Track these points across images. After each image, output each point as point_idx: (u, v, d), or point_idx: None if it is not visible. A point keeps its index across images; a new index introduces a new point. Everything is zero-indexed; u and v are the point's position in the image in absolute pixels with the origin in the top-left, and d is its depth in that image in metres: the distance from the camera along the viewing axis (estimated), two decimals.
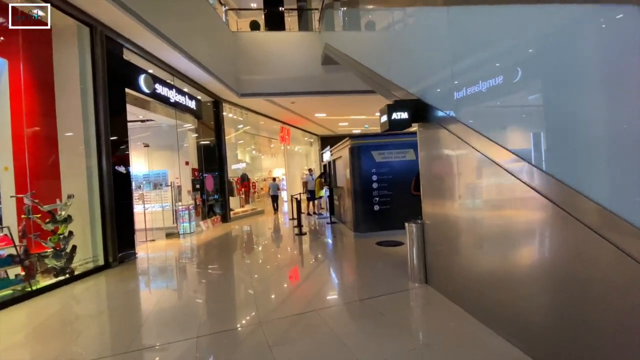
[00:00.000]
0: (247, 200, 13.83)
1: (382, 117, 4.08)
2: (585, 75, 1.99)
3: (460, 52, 3.27)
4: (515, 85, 2.56)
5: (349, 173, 7.41)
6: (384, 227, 7.21)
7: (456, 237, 3.39)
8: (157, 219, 9.93)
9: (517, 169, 2.37)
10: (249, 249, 7.32)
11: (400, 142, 7.32)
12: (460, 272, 3.33)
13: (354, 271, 5.15)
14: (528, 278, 2.43)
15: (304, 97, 11.97)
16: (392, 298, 3.64)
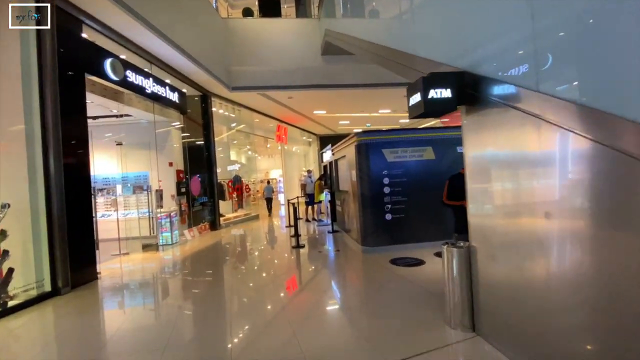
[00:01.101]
0: (240, 205, 12.65)
1: (411, 97, 2.92)
2: None
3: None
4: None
5: (355, 175, 6.25)
6: (397, 240, 6.05)
7: (533, 270, 2.24)
8: (135, 228, 8.75)
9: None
10: (235, 268, 6.13)
11: (416, 139, 6.16)
12: (540, 323, 2.17)
13: (367, 308, 3.91)
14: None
15: (302, 91, 10.82)
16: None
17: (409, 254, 5.66)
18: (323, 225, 9.70)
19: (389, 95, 12.29)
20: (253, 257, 6.57)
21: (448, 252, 3.00)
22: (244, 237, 9.34)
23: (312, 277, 5.01)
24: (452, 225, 4.47)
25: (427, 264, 5.10)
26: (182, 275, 5.71)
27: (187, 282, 5.34)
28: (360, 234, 6.16)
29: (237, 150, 19.93)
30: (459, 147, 6.44)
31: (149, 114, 8.54)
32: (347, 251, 6.29)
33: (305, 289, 4.55)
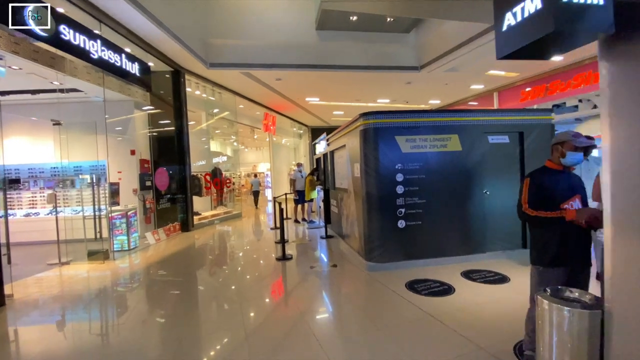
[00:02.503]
0: (220, 201, 11.11)
1: (516, 5, 1.47)
2: None
3: None
4: None
5: (358, 169, 4.83)
6: (412, 255, 4.68)
7: None
8: (89, 229, 7.15)
9: None
10: (197, 290, 4.65)
11: (439, 123, 4.77)
12: None
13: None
14: None
15: (293, 71, 9.30)
16: None
17: (429, 274, 4.29)
18: (314, 228, 8.29)
19: (389, 81, 10.90)
20: (223, 276, 5.08)
21: (572, 316, 1.60)
22: (219, 242, 7.82)
23: (300, 317, 3.57)
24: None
25: (456, 290, 3.75)
26: (145, 290, 4.21)
27: (142, 303, 3.85)
28: (363, 244, 4.76)
29: (220, 140, 18.28)
30: (492, 136, 5.10)
31: (110, 91, 6.91)
32: (346, 268, 4.88)
33: (288, 342, 3.09)
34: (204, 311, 3.67)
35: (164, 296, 4.20)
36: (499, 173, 5.00)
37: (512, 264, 4.66)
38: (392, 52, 9.96)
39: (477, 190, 4.86)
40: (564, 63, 10.15)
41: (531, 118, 5.10)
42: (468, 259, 4.80)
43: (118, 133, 7.97)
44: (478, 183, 4.86)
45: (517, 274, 4.23)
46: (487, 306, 3.33)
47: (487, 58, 9.54)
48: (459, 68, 10.28)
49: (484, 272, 4.34)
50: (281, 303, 3.73)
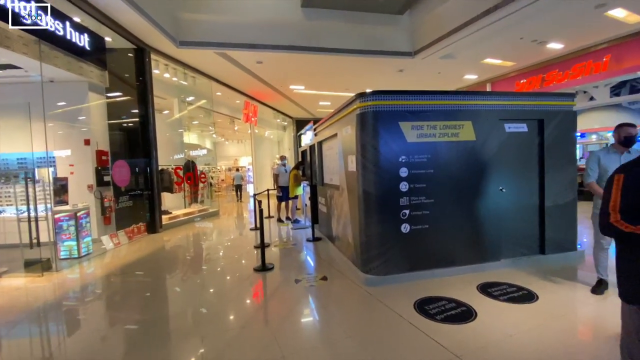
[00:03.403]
0: (194, 198, 10.05)
1: None
2: None
3: None
4: None
5: (353, 162, 3.99)
6: (418, 265, 3.91)
7: None
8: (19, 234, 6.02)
9: None
10: (153, 314, 3.71)
11: (450, 108, 3.99)
12: None
13: None
14: None
15: (275, 53, 8.32)
16: None
17: (441, 289, 3.54)
18: (300, 228, 7.43)
19: (380, 68, 10.09)
20: (186, 296, 4.16)
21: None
22: (188, 245, 6.84)
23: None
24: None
25: (478, 313, 3.00)
26: (90, 311, 3.24)
27: (81, 331, 2.90)
28: (360, 253, 3.95)
29: (198, 132, 17.06)
30: (509, 124, 4.36)
31: (51, 68, 5.75)
32: (338, 281, 4.05)
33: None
34: (149, 350, 2.76)
35: (116, 320, 3.25)
36: (516, 167, 4.29)
37: (532, 273, 3.97)
38: (385, 35, 9.12)
39: (492, 187, 4.13)
40: (564, 51, 9.62)
41: (552, 104, 4.40)
42: (482, 268, 4.09)
43: (69, 120, 6.81)
44: (493, 179, 4.13)
45: (542, 287, 3.53)
46: (522, 338, 2.59)
47: (485, 44, 8.88)
48: (455, 55, 9.58)
49: (503, 286, 3.62)
50: (256, 340, 2.86)
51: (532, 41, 8.74)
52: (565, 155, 4.42)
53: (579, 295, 3.34)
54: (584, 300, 3.24)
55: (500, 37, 8.34)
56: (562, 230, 4.43)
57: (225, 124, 15.67)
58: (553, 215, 4.37)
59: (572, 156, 4.47)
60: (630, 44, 8.41)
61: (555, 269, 4.12)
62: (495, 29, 7.82)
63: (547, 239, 4.37)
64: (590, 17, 7.38)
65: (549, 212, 4.36)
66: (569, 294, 3.41)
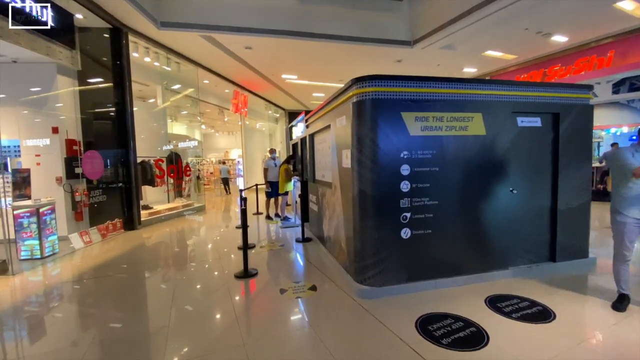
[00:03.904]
0: (178, 193, 9.47)
1: None
2: None
3: None
4: None
5: (348, 158, 3.51)
6: (420, 275, 3.48)
7: None
8: None
9: None
10: (101, 335, 3.21)
11: (458, 97, 3.53)
12: None
13: None
14: None
15: (266, 37, 7.73)
16: None
17: (445, 303, 3.11)
18: (289, 226, 6.96)
19: (377, 58, 9.58)
20: (154, 307, 3.65)
21: None
22: (166, 245, 6.31)
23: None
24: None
25: (490, 336, 2.58)
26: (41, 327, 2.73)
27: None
28: (353, 260, 3.50)
29: (186, 122, 16.34)
30: (522, 117, 3.91)
31: (12, 46, 5.10)
32: (329, 292, 3.60)
33: None
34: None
35: (73, 335, 2.75)
36: (528, 166, 3.88)
37: (543, 284, 3.59)
38: (383, 22, 8.59)
39: (502, 188, 3.71)
40: (567, 45, 9.24)
41: (568, 96, 3.98)
42: (488, 277, 3.68)
43: (35, 105, 6.17)
44: (503, 178, 3.71)
45: (557, 302, 3.14)
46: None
47: (487, 34, 8.44)
48: (456, 45, 9.12)
49: (514, 300, 3.22)
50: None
51: (537, 33, 8.32)
52: (581, 153, 4.02)
53: (599, 313, 2.95)
54: (606, 318, 2.84)
55: (505, 27, 7.90)
56: (574, 235, 4.05)
57: (214, 114, 15.00)
58: (566, 219, 3.98)
59: (587, 154, 4.07)
60: (635, 39, 8.06)
61: (568, 279, 3.74)
62: (499, 18, 7.37)
63: (558, 245, 3.99)
64: (598, 8, 6.98)
65: (562, 215, 3.97)
66: (588, 311, 3.02)
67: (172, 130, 13.04)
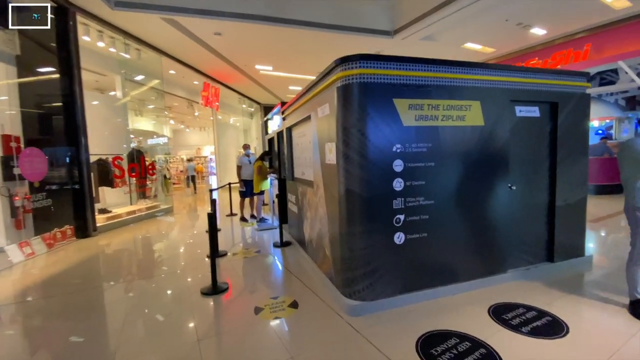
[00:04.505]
0: (142, 194, 8.62)
1: None
2: None
3: None
4: None
5: (333, 152, 3.02)
6: (416, 285, 3.07)
7: None
8: None
9: None
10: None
11: (454, 83, 3.12)
12: None
13: None
14: None
15: (236, 22, 7.05)
16: None
17: (446, 317, 2.71)
18: (266, 229, 6.39)
19: (356, 48, 9.08)
20: (98, 336, 3.01)
21: None
22: (124, 255, 5.57)
23: None
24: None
25: (503, 358, 2.20)
26: None
27: None
28: (340, 270, 3.03)
29: (154, 117, 15.21)
30: (521, 106, 3.55)
31: None
32: (313, 309, 3.10)
33: None
34: None
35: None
36: (526, 160, 3.57)
37: (545, 288, 3.29)
38: (363, 10, 8.14)
39: (501, 184, 3.37)
40: (545, 38, 9.22)
41: (567, 84, 3.70)
42: (488, 282, 3.34)
43: None
44: (502, 174, 3.36)
45: (566, 310, 2.84)
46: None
47: (468, 25, 8.21)
48: (437, 37, 8.85)
49: (520, 309, 2.88)
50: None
51: (518, 24, 8.19)
52: (579, 146, 3.76)
53: (614, 321, 2.66)
54: (623, 328, 2.55)
55: (486, 17, 7.69)
56: (572, 233, 3.80)
57: (182, 108, 14.03)
58: (564, 216, 3.71)
59: (585, 147, 3.82)
60: (611, 32, 8.12)
61: (569, 280, 3.47)
62: (480, 8, 7.15)
63: (556, 244, 3.72)
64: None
65: (560, 212, 3.70)
66: (600, 319, 2.72)
67: (138, 125, 12.01)
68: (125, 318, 3.02)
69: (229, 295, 3.41)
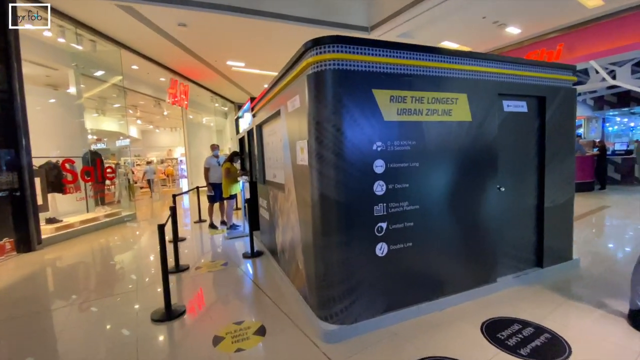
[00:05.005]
0: (101, 200, 7.82)
1: None
2: None
3: None
4: None
5: (304, 151, 2.60)
6: (400, 302, 2.70)
7: None
8: None
9: None
10: None
11: (443, 72, 2.79)
12: None
13: None
14: None
15: (203, 12, 6.50)
16: None
17: (434, 339, 2.36)
18: (237, 236, 5.87)
19: None
20: None
21: None
22: (70, 271, 4.88)
23: None
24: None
25: None
26: None
27: None
28: (314, 288, 2.61)
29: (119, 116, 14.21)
30: (508, 101, 3.24)
31: None
32: (284, 336, 2.66)
33: None
34: None
35: None
36: (514, 158, 3.31)
37: (537, 297, 3.03)
38: (339, 5, 7.78)
39: (491, 186, 3.08)
40: (519, 38, 9.25)
41: (555, 77, 3.48)
42: (477, 294, 3.03)
43: None
44: (492, 175, 3.08)
45: (564, 324, 2.57)
46: None
47: (446, 22, 8.06)
48: (414, 34, 8.65)
49: (515, 326, 2.58)
50: None
51: (494, 22, 8.13)
52: (565, 143, 3.56)
53: (617, 335, 2.41)
54: (630, 342, 2.30)
55: (463, 14, 7.57)
56: (560, 236, 3.60)
57: (149, 107, 13.15)
58: (552, 218, 3.50)
59: (571, 144, 3.62)
60: (583, 32, 8.22)
61: (560, 287, 3.24)
62: (457, 4, 7.01)
63: (545, 248, 3.49)
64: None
65: (549, 214, 3.47)
66: (603, 333, 2.46)
67: (98, 125, 11.08)
68: (52, 355, 2.45)
69: (184, 321, 2.91)
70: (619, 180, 10.85)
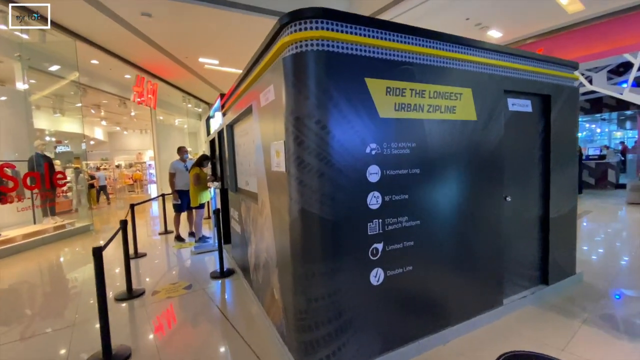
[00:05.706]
0: (49, 210, 6.87)
1: None
2: None
3: None
4: None
5: (280, 154, 2.07)
6: (398, 339, 2.21)
7: None
8: None
9: None
10: None
11: (446, 62, 2.35)
12: None
13: None
14: None
15: (170, 1, 5.84)
16: None
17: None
18: (205, 251, 5.21)
19: None
20: None
21: None
22: (1, 300, 4.06)
23: None
24: None
25: None
26: None
27: None
28: (293, 328, 2.07)
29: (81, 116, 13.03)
30: (513, 99, 2.72)
31: None
32: None
33: None
34: None
35: None
36: (519, 164, 2.94)
37: (549, 322, 2.65)
38: (320, 1, 7.36)
39: (496, 195, 2.68)
40: (500, 42, 9.23)
41: (559, 75, 3.17)
42: (483, 321, 2.61)
43: None
44: (498, 182, 2.68)
45: (586, 357, 2.18)
46: None
47: (428, 23, 7.88)
48: None
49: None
50: None
51: (476, 25, 7.99)
52: (569, 147, 3.25)
53: None
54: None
55: (446, 14, 7.37)
56: (565, 249, 3.28)
57: (113, 106, 12.13)
58: (557, 229, 3.16)
59: (574, 148, 3.32)
60: (562, 37, 8.25)
61: (570, 307, 2.88)
62: (440, 4, 6.82)
63: (551, 263, 3.14)
64: (535, 1, 6.80)
65: (554, 225, 3.13)
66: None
67: (63, 127, 10.01)
68: None
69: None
70: (593, 185, 11.06)
